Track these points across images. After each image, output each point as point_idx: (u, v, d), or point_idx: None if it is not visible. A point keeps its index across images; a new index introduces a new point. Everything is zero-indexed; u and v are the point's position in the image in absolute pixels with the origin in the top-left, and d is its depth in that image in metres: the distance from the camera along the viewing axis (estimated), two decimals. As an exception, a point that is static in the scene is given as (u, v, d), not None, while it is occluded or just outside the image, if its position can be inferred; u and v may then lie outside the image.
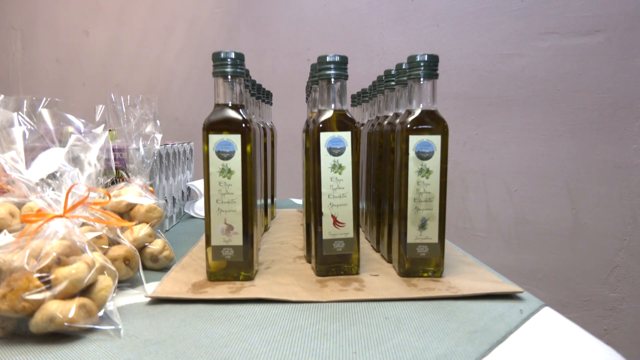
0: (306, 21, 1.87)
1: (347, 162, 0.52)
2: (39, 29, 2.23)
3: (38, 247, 0.39)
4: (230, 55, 0.51)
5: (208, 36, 1.99)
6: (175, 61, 2.00)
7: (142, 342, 0.36)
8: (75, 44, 2.16)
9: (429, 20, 1.77)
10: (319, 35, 1.84)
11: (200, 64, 1.98)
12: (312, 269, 0.56)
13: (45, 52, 2.21)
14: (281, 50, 1.91)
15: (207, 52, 1.95)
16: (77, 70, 2.15)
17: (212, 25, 1.98)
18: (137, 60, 2.05)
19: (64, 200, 0.44)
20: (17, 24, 2.27)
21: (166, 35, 2.01)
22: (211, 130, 0.50)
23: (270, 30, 1.91)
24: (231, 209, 0.50)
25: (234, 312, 0.42)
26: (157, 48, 2.02)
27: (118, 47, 2.08)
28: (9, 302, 0.35)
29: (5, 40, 2.26)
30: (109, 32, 2.10)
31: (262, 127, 0.74)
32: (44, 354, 0.34)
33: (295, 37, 1.90)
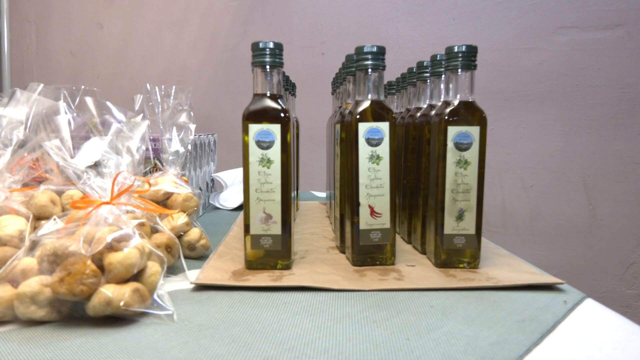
0: (321, 14, 1.87)
1: (384, 153, 0.52)
2: (54, 22, 2.24)
3: (90, 233, 0.39)
4: (269, 45, 0.52)
5: (222, 29, 1.99)
6: (189, 54, 2.00)
7: (196, 326, 0.37)
8: (89, 37, 2.17)
9: (446, 14, 1.76)
10: (333, 28, 1.84)
11: (214, 57, 1.98)
12: (347, 259, 0.56)
13: (60, 45, 2.22)
14: (295, 43, 1.91)
15: (221, 45, 1.95)
16: (91, 63, 2.16)
17: (225, 18, 1.98)
18: (151, 53, 2.05)
19: (111, 187, 0.45)
20: (31, 17, 2.28)
21: (180, 28, 2.01)
22: (251, 120, 0.50)
23: (284, 23, 1.90)
24: (270, 198, 0.51)
25: (279, 299, 0.43)
26: (170, 41, 2.03)
27: (132, 40, 2.08)
28: (68, 285, 0.35)
29: (20, 33, 2.27)
30: (123, 25, 2.10)
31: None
32: (103, 336, 0.34)
33: (310, 30, 1.89)
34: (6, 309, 0.36)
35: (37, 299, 0.36)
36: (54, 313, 0.37)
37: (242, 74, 1.95)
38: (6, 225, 0.46)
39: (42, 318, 0.36)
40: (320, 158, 1.76)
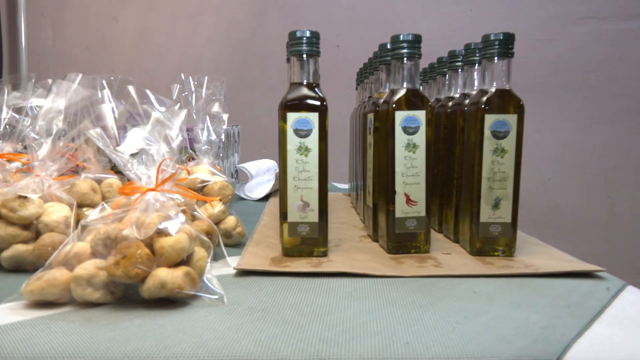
0: (336, 7, 1.86)
1: (421, 141, 0.53)
2: (69, 16, 2.25)
3: (140, 218, 0.40)
4: (306, 34, 0.52)
5: (236, 22, 1.99)
6: (204, 47, 2.00)
7: (246, 309, 0.37)
8: (105, 31, 2.18)
9: (463, 5, 1.74)
10: (349, 21, 1.83)
11: (229, 50, 1.98)
12: (382, 247, 0.56)
13: (75, 39, 2.24)
14: (310, 36, 1.91)
15: (236, 38, 1.95)
16: (107, 57, 2.18)
17: (240, 12, 1.98)
18: (166, 47, 2.06)
19: (155, 175, 0.45)
20: (47, 12, 2.29)
21: (194, 21, 2.01)
22: (289, 108, 0.51)
23: (299, 16, 1.90)
24: (307, 186, 0.51)
25: (322, 284, 0.43)
26: (185, 34, 2.03)
27: (147, 34, 2.09)
28: (123, 268, 0.36)
29: (35, 27, 2.29)
30: (138, 18, 2.11)
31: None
32: (159, 318, 0.35)
33: (325, 22, 1.88)
34: (63, 291, 0.37)
35: (93, 282, 0.37)
36: (108, 295, 0.38)
37: (257, 67, 1.95)
38: (52, 211, 0.48)
39: (97, 300, 0.37)
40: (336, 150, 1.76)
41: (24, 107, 0.64)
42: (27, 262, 0.46)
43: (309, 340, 0.32)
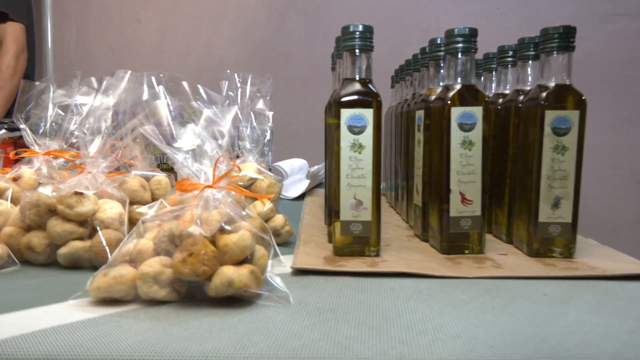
0: (358, 6, 1.85)
1: (477, 138, 0.51)
2: (93, 17, 2.28)
3: (202, 215, 0.39)
4: (359, 29, 0.51)
5: (258, 22, 1.99)
6: (225, 48, 2.01)
7: (314, 308, 0.36)
8: (128, 32, 2.20)
9: (489, 3, 1.71)
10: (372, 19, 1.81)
11: (250, 50, 1.99)
12: (433, 247, 0.55)
13: (99, 40, 2.26)
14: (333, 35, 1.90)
15: (257, 38, 1.95)
16: (129, 57, 2.19)
17: (262, 11, 1.98)
18: (188, 47, 2.07)
19: (212, 171, 0.45)
20: (71, 12, 2.32)
21: (216, 22, 2.02)
22: (343, 104, 0.50)
23: (321, 15, 1.89)
24: (361, 184, 0.50)
25: (384, 284, 0.42)
26: (207, 35, 2.04)
27: (169, 34, 2.11)
28: (190, 266, 0.36)
29: (60, 28, 2.32)
30: (160, 19, 2.12)
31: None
32: (229, 317, 0.34)
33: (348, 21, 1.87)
34: (129, 288, 0.36)
35: (159, 279, 0.36)
36: (173, 293, 0.37)
37: (278, 67, 1.95)
38: (107, 208, 0.47)
39: (163, 298, 0.37)
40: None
41: (69, 105, 0.64)
42: (83, 258, 0.45)
43: (388, 343, 0.31)
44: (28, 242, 0.46)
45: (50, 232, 0.45)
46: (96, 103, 0.56)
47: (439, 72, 0.59)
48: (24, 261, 0.47)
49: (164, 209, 0.43)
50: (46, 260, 0.46)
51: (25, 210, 0.46)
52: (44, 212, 0.46)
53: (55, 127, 0.63)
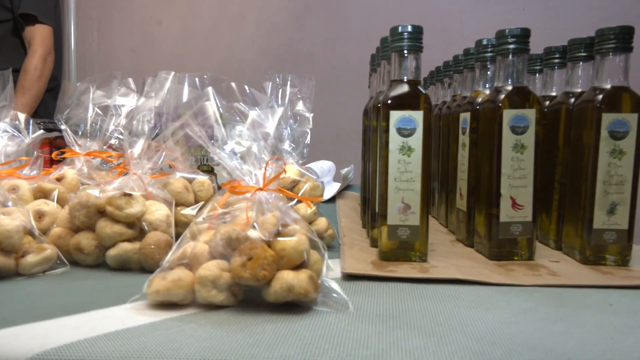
0: (379, 7, 1.83)
1: (529, 141, 0.50)
2: (115, 19, 2.30)
3: (260, 219, 0.39)
4: (407, 29, 0.50)
5: (278, 24, 1.99)
6: (246, 49, 2.01)
7: (375, 315, 0.35)
8: (149, 34, 2.22)
9: (514, 4, 1.69)
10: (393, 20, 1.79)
11: (271, 52, 1.98)
12: (479, 252, 0.54)
13: (120, 42, 2.29)
14: (353, 37, 1.89)
15: (278, 40, 1.95)
16: (150, 59, 2.21)
17: (282, 13, 1.98)
18: (208, 49, 2.08)
19: (263, 174, 0.44)
20: (93, 15, 2.35)
21: (236, 23, 2.03)
22: (392, 106, 0.49)
23: (342, 16, 1.88)
24: (409, 188, 0.49)
25: (439, 291, 0.41)
26: (227, 36, 2.05)
27: (190, 36, 2.12)
28: (250, 270, 0.35)
29: (82, 30, 2.35)
30: (181, 21, 2.14)
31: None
32: (291, 323, 0.34)
33: (369, 23, 1.86)
34: (187, 292, 0.36)
35: (217, 283, 0.36)
36: (231, 297, 0.36)
37: (298, 69, 1.94)
38: (154, 210, 0.47)
39: (221, 302, 0.36)
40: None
41: (108, 106, 0.65)
42: (132, 260, 0.45)
43: (461, 354, 0.30)
44: (77, 243, 0.46)
45: (99, 234, 0.45)
46: (139, 104, 0.56)
47: (486, 73, 0.57)
48: (72, 262, 0.46)
49: (213, 211, 0.43)
50: (95, 262, 0.46)
51: (74, 211, 0.46)
52: (93, 213, 0.46)
53: (95, 128, 0.63)
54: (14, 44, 1.43)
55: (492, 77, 0.57)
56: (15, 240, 0.42)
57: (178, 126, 0.53)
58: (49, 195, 0.51)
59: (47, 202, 0.50)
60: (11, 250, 0.42)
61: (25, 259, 0.42)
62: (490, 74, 0.57)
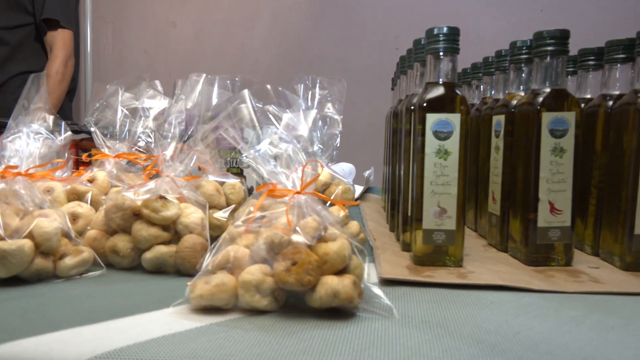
0: (394, 8, 1.83)
1: (569, 145, 0.49)
2: (129, 22, 2.32)
3: (301, 223, 0.38)
4: (443, 31, 0.49)
5: (292, 25, 1.99)
6: (259, 51, 2.02)
7: (421, 322, 0.35)
8: (163, 35, 2.23)
9: (531, 5, 1.67)
10: (408, 22, 1.79)
11: (284, 53, 1.98)
12: (513, 257, 0.53)
13: (134, 44, 2.30)
14: (368, 39, 1.88)
15: (292, 41, 1.95)
16: (164, 61, 2.23)
17: (296, 15, 1.97)
18: (222, 50, 2.09)
19: (300, 176, 0.44)
20: (108, 17, 2.37)
21: (250, 25, 2.03)
22: (429, 109, 0.48)
23: (356, 18, 1.87)
24: (446, 192, 0.48)
25: (482, 298, 0.40)
26: (241, 38, 2.05)
27: (203, 38, 2.13)
28: (295, 275, 0.34)
29: (97, 32, 2.37)
30: (195, 23, 2.15)
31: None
32: (337, 329, 0.33)
33: (383, 25, 1.85)
34: (231, 297, 0.36)
35: (261, 288, 0.35)
36: (274, 302, 0.36)
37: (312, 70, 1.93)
38: (189, 213, 0.47)
39: (264, 307, 0.36)
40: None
41: (137, 108, 0.65)
42: (168, 263, 0.45)
43: (518, 363, 0.29)
44: (113, 245, 0.46)
45: (135, 236, 0.45)
46: (171, 106, 0.56)
47: (520, 76, 0.56)
48: (107, 264, 0.46)
49: (249, 214, 0.42)
50: (130, 264, 0.46)
51: (110, 213, 0.46)
52: (128, 215, 0.46)
53: (123, 130, 0.63)
54: (35, 47, 1.44)
55: (527, 80, 0.56)
56: (54, 242, 0.42)
57: (210, 129, 0.53)
58: (83, 197, 0.51)
59: (81, 204, 0.50)
60: (49, 253, 0.42)
61: (63, 261, 0.42)
62: (524, 76, 0.56)
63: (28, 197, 0.45)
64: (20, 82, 1.44)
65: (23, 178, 0.45)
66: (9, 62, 1.42)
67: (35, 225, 0.41)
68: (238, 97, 0.49)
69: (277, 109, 0.51)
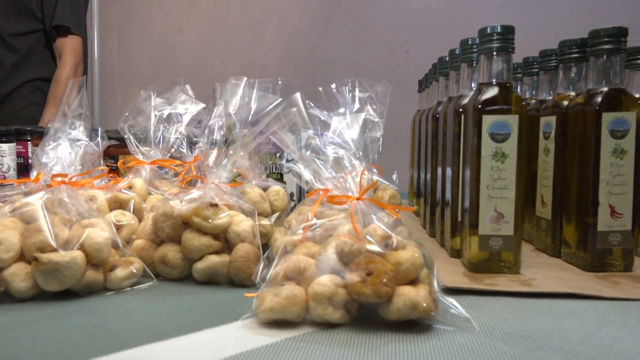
0: (405, 11, 1.82)
1: (630, 146, 0.47)
2: (135, 28, 2.31)
3: (370, 230, 0.36)
4: (497, 30, 0.48)
5: (301, 29, 1.97)
6: (267, 55, 2.00)
7: (504, 335, 0.33)
8: (169, 41, 2.22)
9: (545, 6, 1.66)
10: (418, 25, 1.78)
11: (292, 58, 1.97)
12: (568, 263, 0.51)
13: (140, 50, 2.29)
14: (378, 42, 1.87)
15: (300, 46, 1.94)
16: (170, 66, 2.21)
17: (305, 19, 1.96)
18: (229, 55, 2.07)
19: (359, 182, 0.42)
20: (114, 23, 2.36)
21: (258, 29, 2.02)
22: (485, 111, 0.46)
23: (366, 21, 1.86)
24: (503, 196, 0.47)
25: (555, 307, 0.39)
26: (248, 42, 2.04)
27: (210, 43, 2.12)
28: (372, 286, 0.33)
29: (103, 39, 2.36)
30: (202, 28, 2.14)
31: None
32: (420, 343, 0.31)
33: (393, 28, 1.84)
34: (302, 309, 0.34)
35: (334, 300, 0.34)
36: (346, 315, 0.34)
37: (321, 75, 1.93)
38: (240, 221, 0.45)
39: (337, 320, 0.34)
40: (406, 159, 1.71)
41: (170, 114, 0.63)
42: (220, 274, 0.43)
43: (624, 378, 0.27)
44: (163, 256, 0.44)
45: (186, 246, 0.43)
46: (210, 111, 0.54)
47: (569, 76, 0.55)
48: (155, 275, 0.45)
49: (306, 222, 0.41)
50: (180, 275, 0.44)
51: (159, 222, 0.44)
52: (178, 224, 0.44)
53: (157, 136, 0.61)
54: (44, 54, 1.43)
55: (576, 79, 0.54)
56: (104, 253, 0.40)
57: (253, 134, 0.52)
58: (125, 205, 0.49)
59: (124, 213, 0.48)
60: (99, 264, 0.40)
61: (114, 272, 0.41)
62: (574, 76, 0.55)
63: (72, 207, 0.43)
64: (30, 89, 1.42)
65: (67, 187, 0.44)
66: (19, 69, 1.40)
67: (87, 236, 0.39)
68: (287, 100, 0.47)
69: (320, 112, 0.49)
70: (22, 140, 0.90)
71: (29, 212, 0.40)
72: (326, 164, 0.46)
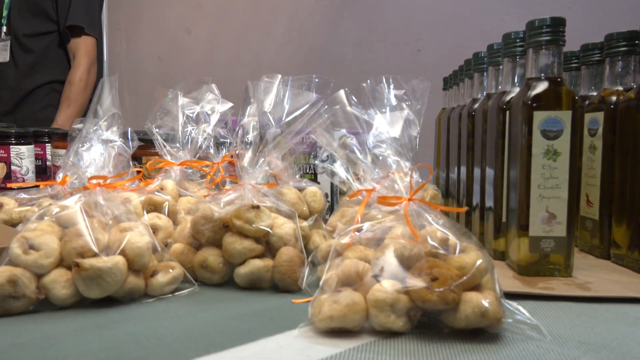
0: (416, 9, 1.80)
1: (687, 143, 0.45)
2: (143, 29, 2.30)
3: (428, 232, 0.35)
4: (546, 22, 0.46)
5: (310, 29, 1.96)
6: (276, 55, 1.99)
7: (580, 343, 0.31)
8: (177, 42, 2.21)
9: (559, 3, 1.64)
10: (430, 23, 1.76)
11: (302, 58, 1.95)
12: (619, 264, 0.49)
13: (148, 51, 2.28)
14: (389, 40, 1.85)
15: (309, 46, 1.92)
16: (178, 67, 2.20)
17: (314, 18, 1.95)
18: (238, 56, 2.06)
19: (409, 182, 0.40)
20: (122, 25, 2.35)
21: (267, 30, 2.00)
22: (537, 106, 0.45)
23: (377, 19, 1.84)
24: (555, 196, 0.45)
25: (623, 312, 0.37)
26: (257, 43, 2.02)
27: (218, 44, 2.10)
28: (439, 293, 0.31)
29: (111, 40, 2.35)
30: (210, 28, 2.12)
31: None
32: (491, 353, 0.29)
33: (405, 26, 1.82)
34: (362, 317, 0.32)
35: (396, 307, 0.32)
36: (408, 323, 0.32)
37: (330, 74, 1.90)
38: (281, 223, 0.43)
39: (399, 329, 0.32)
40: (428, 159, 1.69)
41: (199, 113, 0.61)
42: (264, 279, 0.41)
43: None
44: (203, 260, 0.42)
45: (228, 250, 0.41)
46: (246, 111, 0.52)
47: (615, 70, 0.53)
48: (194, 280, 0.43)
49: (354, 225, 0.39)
50: (220, 280, 0.43)
51: (199, 225, 0.42)
52: (218, 227, 0.42)
53: (185, 136, 0.60)
54: (58, 55, 1.42)
55: (623, 74, 0.52)
56: (146, 258, 0.38)
57: (288, 133, 0.50)
58: (160, 208, 0.48)
59: (159, 216, 0.46)
60: (140, 270, 0.39)
61: (155, 278, 0.39)
62: (620, 70, 0.53)
63: (108, 210, 0.41)
64: (47, 90, 1.41)
65: (103, 189, 0.42)
66: (35, 70, 1.39)
67: (128, 241, 0.37)
68: (330, 98, 0.45)
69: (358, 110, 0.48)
70: (40, 143, 0.89)
71: (67, 216, 0.38)
72: (368, 163, 0.44)
